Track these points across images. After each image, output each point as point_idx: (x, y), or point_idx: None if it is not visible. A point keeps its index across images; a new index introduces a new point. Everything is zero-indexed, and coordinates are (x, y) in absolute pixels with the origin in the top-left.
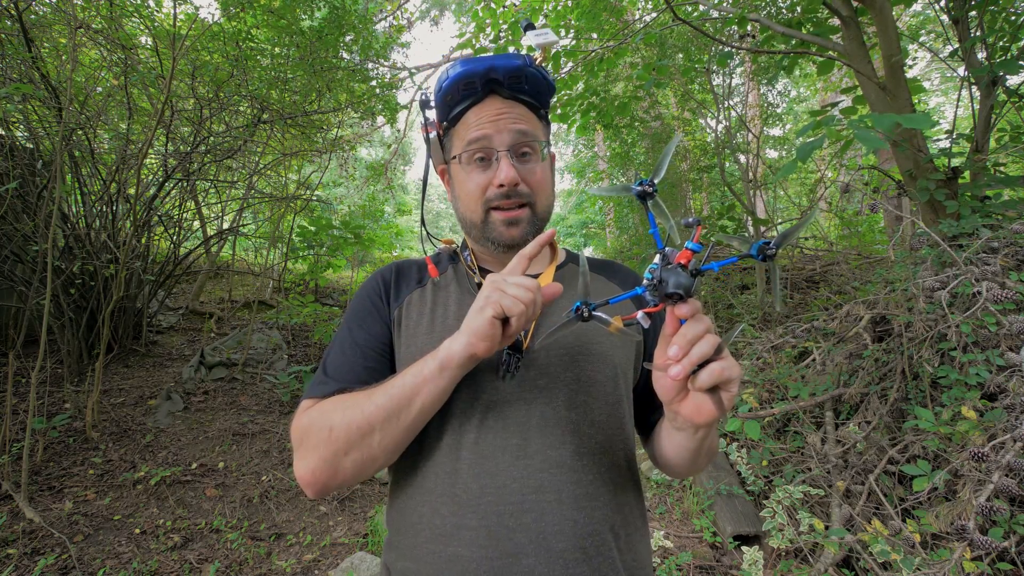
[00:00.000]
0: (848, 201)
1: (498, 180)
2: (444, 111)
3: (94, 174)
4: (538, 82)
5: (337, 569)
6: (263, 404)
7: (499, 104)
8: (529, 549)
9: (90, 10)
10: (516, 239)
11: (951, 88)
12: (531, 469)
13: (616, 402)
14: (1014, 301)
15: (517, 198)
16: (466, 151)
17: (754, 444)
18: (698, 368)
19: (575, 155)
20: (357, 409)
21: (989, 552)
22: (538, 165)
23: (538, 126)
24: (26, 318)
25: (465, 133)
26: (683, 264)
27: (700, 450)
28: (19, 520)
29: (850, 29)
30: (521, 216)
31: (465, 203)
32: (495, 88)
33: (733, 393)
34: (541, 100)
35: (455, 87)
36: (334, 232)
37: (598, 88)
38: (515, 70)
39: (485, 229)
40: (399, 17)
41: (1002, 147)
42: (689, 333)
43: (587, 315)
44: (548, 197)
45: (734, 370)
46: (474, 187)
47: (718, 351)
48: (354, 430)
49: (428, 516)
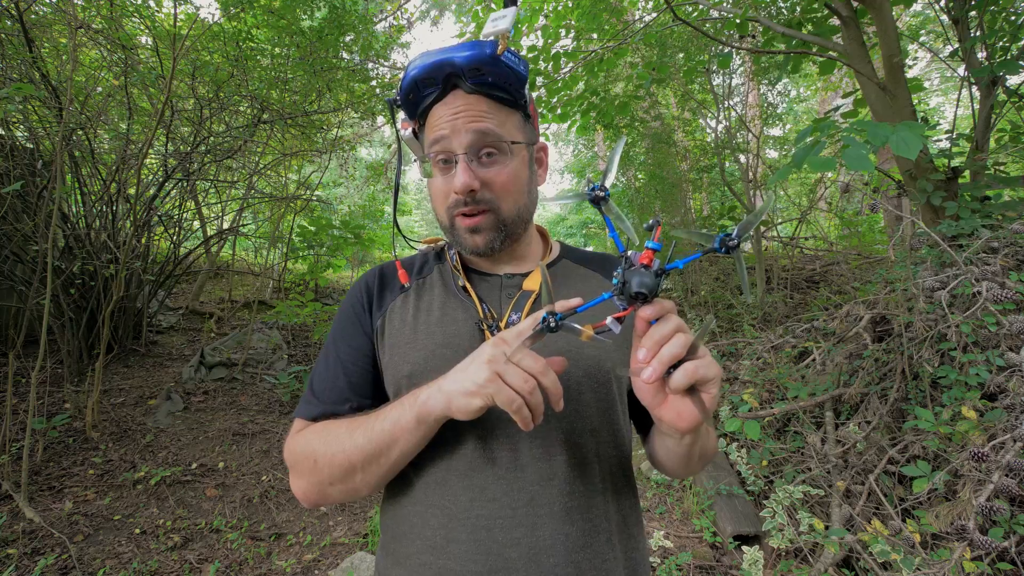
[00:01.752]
0: (848, 201)
1: (454, 188)
2: (410, 109)
3: (94, 174)
4: (503, 73)
5: (337, 569)
6: (263, 404)
7: (460, 100)
8: (520, 564)
9: (90, 10)
10: (480, 247)
11: (951, 88)
12: (521, 481)
13: (608, 407)
14: (1014, 301)
15: (476, 205)
16: (429, 153)
17: (754, 444)
18: (673, 369)
19: (575, 155)
20: (339, 446)
21: (989, 552)
22: (505, 166)
23: (508, 121)
24: (26, 318)
25: (430, 134)
26: (646, 264)
27: (691, 455)
28: (19, 520)
29: (850, 29)
30: (481, 224)
31: (434, 207)
32: (456, 83)
33: (712, 394)
34: (511, 91)
35: (413, 85)
36: (334, 232)
37: (598, 88)
38: (474, 61)
39: (452, 235)
40: (399, 17)
41: (1002, 147)
42: (656, 334)
43: (555, 325)
44: (518, 199)
45: (710, 369)
46: (437, 192)
47: (692, 350)
48: (336, 466)
49: (419, 527)
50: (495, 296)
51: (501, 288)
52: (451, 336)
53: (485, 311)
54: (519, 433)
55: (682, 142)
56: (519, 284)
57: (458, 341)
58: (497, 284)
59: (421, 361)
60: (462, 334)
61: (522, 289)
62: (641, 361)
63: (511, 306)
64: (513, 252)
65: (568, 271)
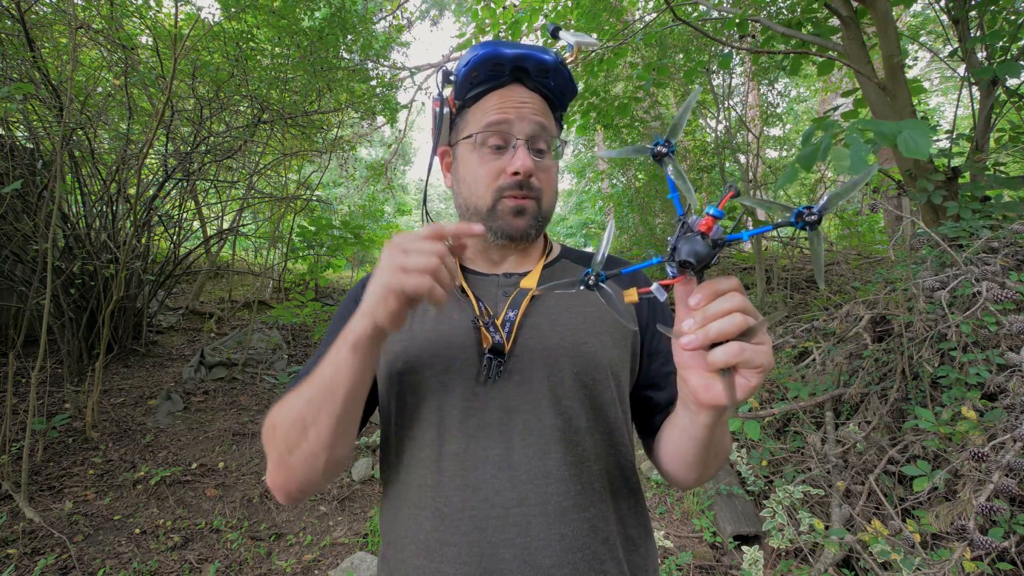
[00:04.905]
0: (848, 201)
1: (513, 167)
2: (464, 88)
3: (94, 174)
4: (564, 82)
5: (337, 569)
6: (263, 404)
7: (523, 93)
8: (514, 566)
9: (90, 10)
10: (520, 230)
11: (951, 88)
12: (515, 481)
13: (607, 405)
14: (1014, 301)
15: (528, 190)
16: (483, 132)
17: (754, 444)
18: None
19: (575, 155)
20: (290, 407)
21: (989, 552)
22: (550, 163)
23: (554, 124)
24: (26, 318)
25: (482, 116)
26: (703, 233)
27: (708, 441)
28: (19, 520)
29: (850, 29)
30: (528, 207)
31: (472, 188)
32: (521, 77)
33: (752, 384)
34: (562, 100)
35: (483, 64)
36: (334, 232)
37: (598, 88)
38: (545, 64)
39: (491, 217)
40: (399, 17)
41: (1002, 147)
42: (713, 308)
43: (593, 283)
44: (554, 196)
45: (759, 356)
46: (485, 172)
47: (750, 333)
48: (291, 427)
49: (413, 530)
50: (491, 294)
51: (498, 286)
52: (446, 333)
53: (481, 308)
54: (513, 431)
55: (682, 142)
56: (516, 283)
57: (452, 338)
58: (494, 282)
59: (415, 355)
60: (457, 331)
61: (519, 287)
62: (686, 330)
63: (508, 303)
64: (517, 250)
65: (567, 270)
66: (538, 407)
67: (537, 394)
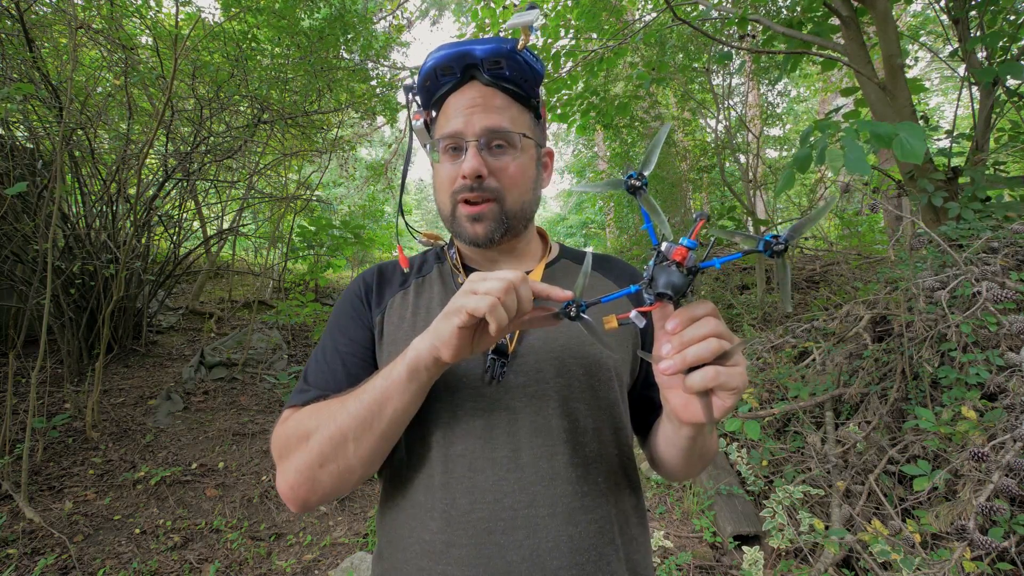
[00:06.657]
0: (848, 201)
1: (462, 171)
2: (425, 97)
3: (94, 174)
4: (521, 68)
5: (337, 569)
6: (263, 404)
7: (476, 92)
8: (522, 568)
9: (90, 10)
10: (480, 237)
11: (951, 88)
12: (522, 482)
13: (611, 406)
14: (1014, 301)
15: (483, 192)
16: (440, 140)
17: (754, 444)
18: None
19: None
20: (331, 418)
21: (989, 552)
22: (514, 159)
23: (520, 118)
24: (26, 318)
25: (444, 122)
26: (678, 262)
27: (691, 449)
28: (19, 520)
29: (850, 29)
30: (485, 212)
31: (437, 196)
32: (474, 74)
33: (728, 404)
34: (526, 88)
35: (432, 73)
36: (334, 232)
37: (598, 88)
38: (494, 54)
39: (454, 223)
40: (399, 17)
41: (1002, 147)
42: (688, 334)
43: (575, 314)
44: (523, 193)
45: (734, 378)
46: (444, 178)
47: (726, 357)
48: (328, 440)
49: (417, 531)
50: None
51: None
52: None
53: None
54: (520, 433)
55: (682, 142)
56: None
57: None
58: None
59: None
60: None
61: None
62: (664, 356)
63: None
64: (512, 251)
65: (568, 270)
66: (545, 408)
67: (544, 395)
